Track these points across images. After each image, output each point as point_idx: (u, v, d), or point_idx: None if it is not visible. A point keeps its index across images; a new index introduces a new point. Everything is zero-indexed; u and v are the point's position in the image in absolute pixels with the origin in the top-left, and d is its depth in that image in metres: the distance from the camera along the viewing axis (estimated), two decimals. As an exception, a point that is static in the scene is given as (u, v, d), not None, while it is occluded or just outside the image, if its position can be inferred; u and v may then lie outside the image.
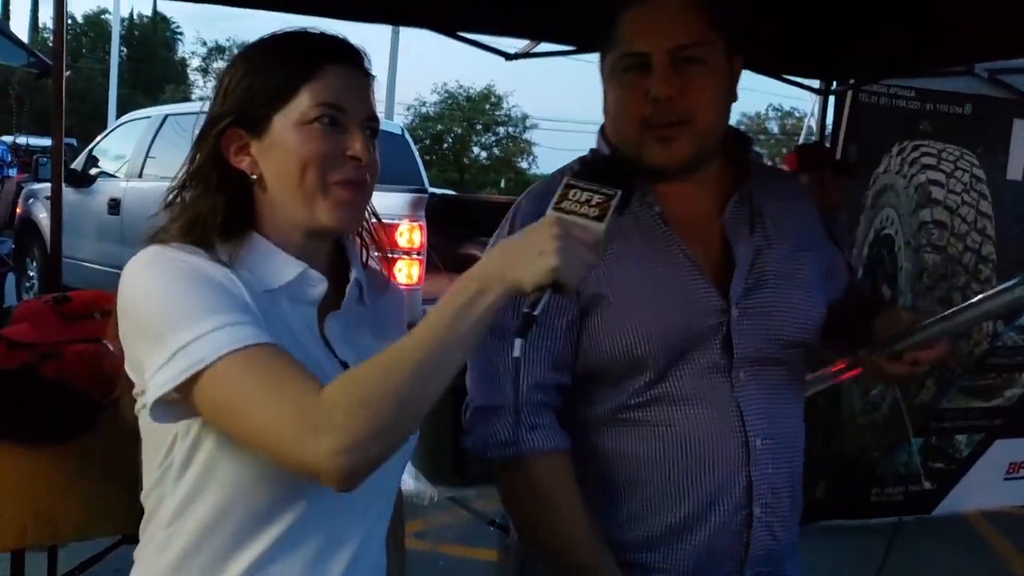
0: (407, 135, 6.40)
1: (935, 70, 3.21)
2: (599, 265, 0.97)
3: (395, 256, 3.88)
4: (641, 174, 1.27)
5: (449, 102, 33.61)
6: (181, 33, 43.77)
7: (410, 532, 3.40)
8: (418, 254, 4.06)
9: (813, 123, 3.84)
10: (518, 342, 0.92)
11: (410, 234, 4.03)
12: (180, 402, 0.95)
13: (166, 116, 6.53)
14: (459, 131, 33.38)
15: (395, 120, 15.08)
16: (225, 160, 1.08)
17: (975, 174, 3.44)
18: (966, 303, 1.30)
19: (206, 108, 1.12)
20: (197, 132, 1.11)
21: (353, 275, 1.16)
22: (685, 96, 1.24)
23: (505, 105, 34.02)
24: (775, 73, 3.20)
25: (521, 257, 0.93)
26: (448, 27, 2.72)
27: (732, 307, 1.29)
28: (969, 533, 4.06)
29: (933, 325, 1.30)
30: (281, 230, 1.10)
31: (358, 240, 1.21)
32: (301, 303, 1.11)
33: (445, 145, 33.15)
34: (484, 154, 34.83)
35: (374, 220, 1.23)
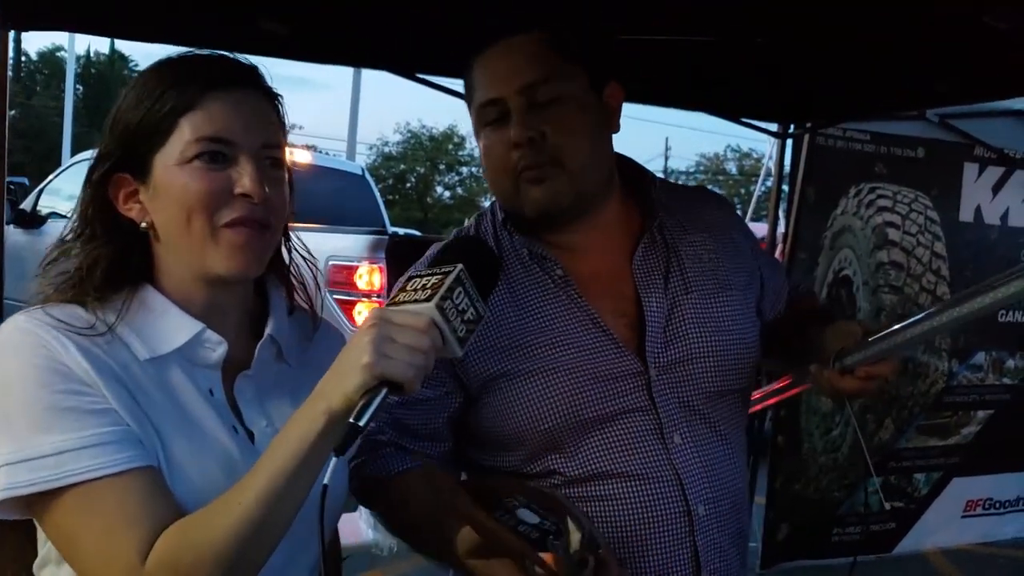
0: (367, 175, 6.37)
1: (888, 113, 3.26)
2: (435, 349, 0.87)
3: (355, 299, 3.83)
4: (533, 235, 1.22)
5: (412, 142, 33.66)
6: (139, 70, 43.28)
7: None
8: (378, 296, 4.01)
9: (772, 165, 3.88)
10: (332, 462, 0.83)
11: (370, 276, 3.98)
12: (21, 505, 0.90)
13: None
14: (422, 171, 33.40)
15: (357, 160, 15.03)
16: (114, 207, 1.00)
17: (929, 216, 3.49)
18: (915, 317, 1.26)
19: None
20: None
21: (268, 331, 1.07)
22: (548, 137, 1.19)
23: (468, 145, 34.15)
24: (733, 116, 3.23)
25: (341, 368, 0.86)
26: (406, 69, 2.71)
27: (649, 368, 1.25)
28: (929, 571, 4.07)
29: (885, 339, 1.25)
30: (179, 283, 1.02)
31: (295, 284, 1.13)
32: (200, 367, 1.02)
33: (408, 184, 33.14)
34: (448, 193, 34.91)
35: (305, 260, 1.14)
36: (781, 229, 3.74)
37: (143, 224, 1.00)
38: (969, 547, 4.12)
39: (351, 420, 0.82)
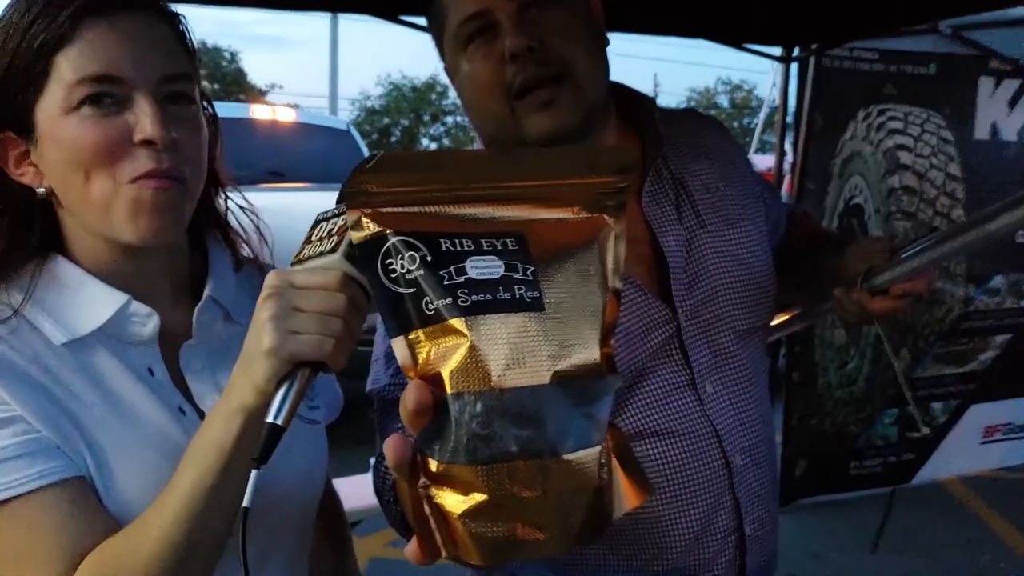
0: (354, 131, 6.20)
1: (899, 28, 3.12)
2: (358, 308, 0.70)
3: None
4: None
5: (394, 94, 33.27)
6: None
7: (384, 543, 3.29)
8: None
9: (775, 93, 3.73)
10: (252, 477, 0.67)
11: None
12: None
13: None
14: (407, 123, 33.08)
15: (340, 116, 14.75)
16: (3, 173, 0.85)
17: (942, 136, 3.36)
18: (952, 227, 1.15)
19: None
20: None
21: (207, 292, 0.93)
22: (549, 44, 1.03)
23: (451, 95, 33.72)
24: (734, 42, 3.09)
25: (246, 355, 0.71)
26: (389, 12, 2.55)
27: (678, 313, 1.13)
28: (949, 499, 4.03)
29: (921, 254, 1.14)
30: (94, 251, 0.87)
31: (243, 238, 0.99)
32: (133, 345, 0.88)
33: (393, 138, 32.82)
34: (434, 145, 34.57)
35: (243, 209, 0.99)
36: (789, 160, 3.60)
37: (40, 189, 0.85)
38: (989, 473, 4.08)
39: (268, 420, 0.68)
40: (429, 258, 0.62)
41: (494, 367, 0.60)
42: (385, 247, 0.63)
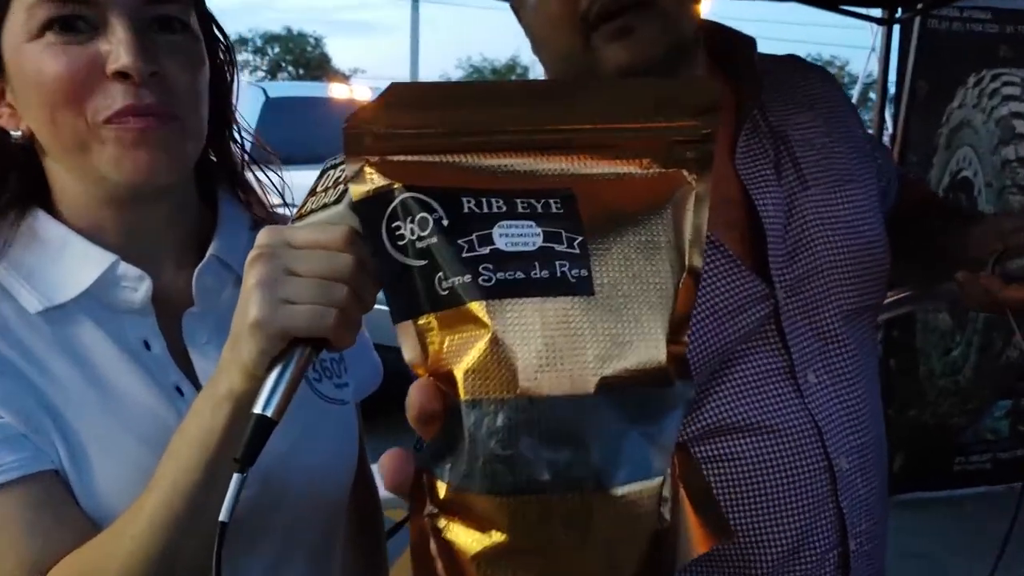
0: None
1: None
2: (368, 270, 0.57)
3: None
4: None
5: (475, 76, 33.28)
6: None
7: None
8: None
9: (872, 65, 3.47)
10: (234, 483, 0.55)
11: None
12: None
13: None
14: (488, 105, 33.15)
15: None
16: None
17: (1064, 102, 3.07)
18: None
19: None
20: None
21: (210, 250, 0.81)
22: None
23: (531, 75, 33.57)
24: (831, 5, 2.85)
25: (234, 329, 0.59)
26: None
27: (776, 289, 0.98)
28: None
29: None
30: (81, 205, 0.76)
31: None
32: (125, 313, 0.77)
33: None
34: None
35: (256, 163, 0.87)
36: (888, 133, 3.35)
37: (16, 133, 0.75)
38: (1111, 472, 3.74)
39: (254, 411, 0.56)
40: (446, 222, 0.48)
41: (522, 368, 0.45)
42: (392, 206, 0.49)
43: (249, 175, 0.88)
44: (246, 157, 0.87)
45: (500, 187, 0.50)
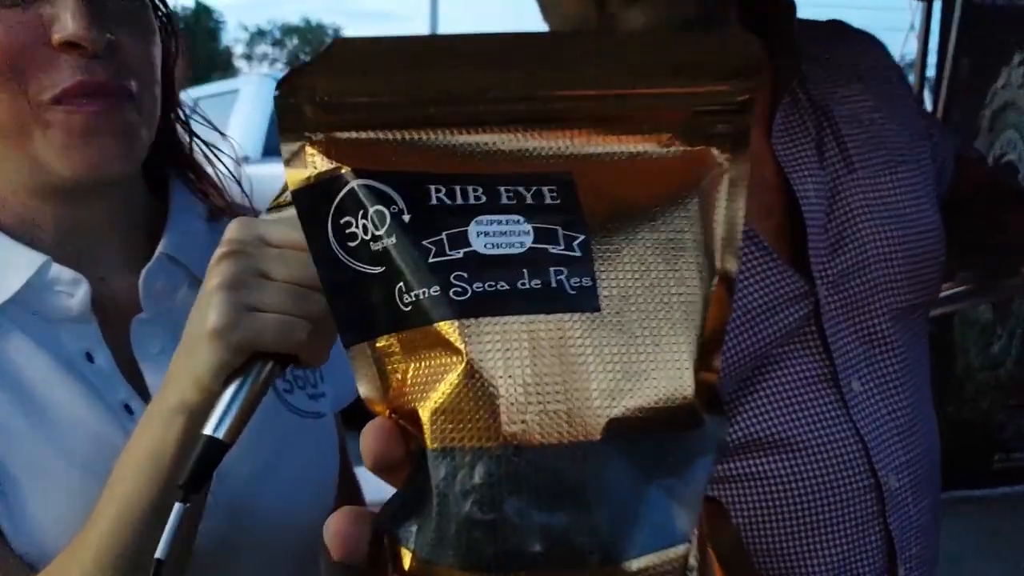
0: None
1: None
2: None
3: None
4: None
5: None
6: (224, 22, 44.31)
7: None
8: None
9: (908, 47, 3.34)
10: (175, 513, 0.48)
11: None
12: None
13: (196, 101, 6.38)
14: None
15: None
16: None
17: (1118, 82, 2.91)
18: None
19: (231, 87, 0.71)
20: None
21: (160, 248, 0.72)
22: None
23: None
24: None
25: (188, 334, 0.53)
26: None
27: (817, 285, 0.88)
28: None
29: None
30: (12, 198, 0.67)
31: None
32: (62, 322, 0.69)
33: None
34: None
35: (208, 146, 0.78)
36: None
37: None
38: None
39: (204, 432, 0.48)
40: (408, 216, 0.37)
41: (506, 407, 0.34)
42: (340, 197, 0.38)
43: (203, 161, 0.79)
44: (198, 142, 0.78)
45: (478, 171, 0.39)
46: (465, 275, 0.36)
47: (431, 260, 0.37)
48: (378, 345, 0.38)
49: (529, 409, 0.35)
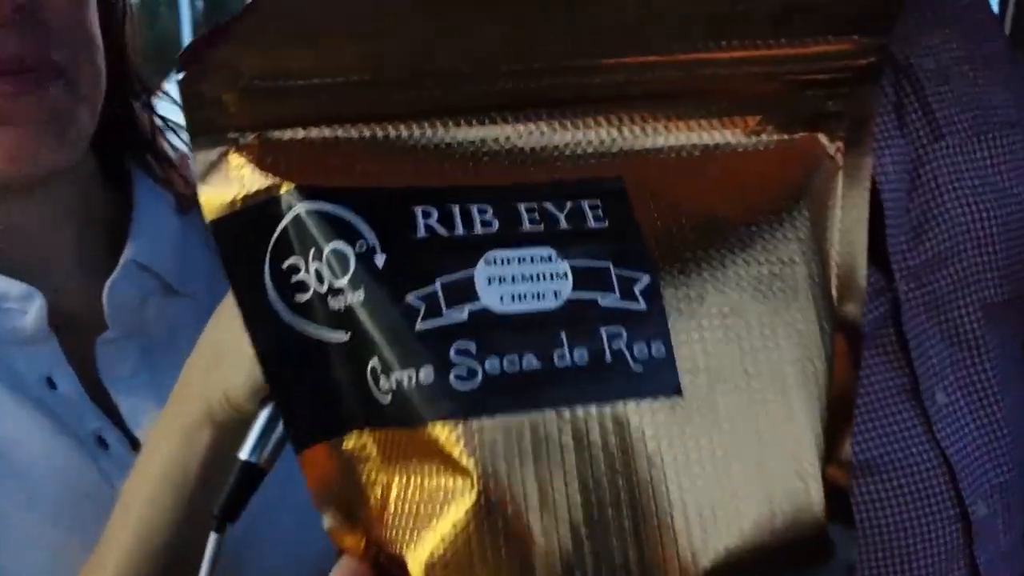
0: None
1: None
2: None
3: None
4: None
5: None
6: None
7: None
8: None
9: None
10: (211, 544, 0.43)
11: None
12: None
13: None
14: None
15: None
16: None
17: None
18: None
19: None
20: None
21: (127, 255, 0.62)
22: None
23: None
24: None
25: (216, 348, 0.46)
26: None
27: (896, 277, 0.75)
28: None
29: None
30: None
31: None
32: (12, 344, 0.60)
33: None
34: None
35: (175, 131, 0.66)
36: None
37: None
38: None
39: (240, 456, 0.41)
40: (383, 257, 0.25)
41: (545, 562, 0.23)
42: (280, 228, 0.26)
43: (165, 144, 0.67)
44: (157, 120, 0.66)
45: (486, 182, 0.27)
46: (472, 347, 0.24)
47: (420, 325, 0.24)
48: (345, 447, 0.26)
49: (581, 565, 0.23)
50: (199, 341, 0.46)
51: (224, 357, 0.42)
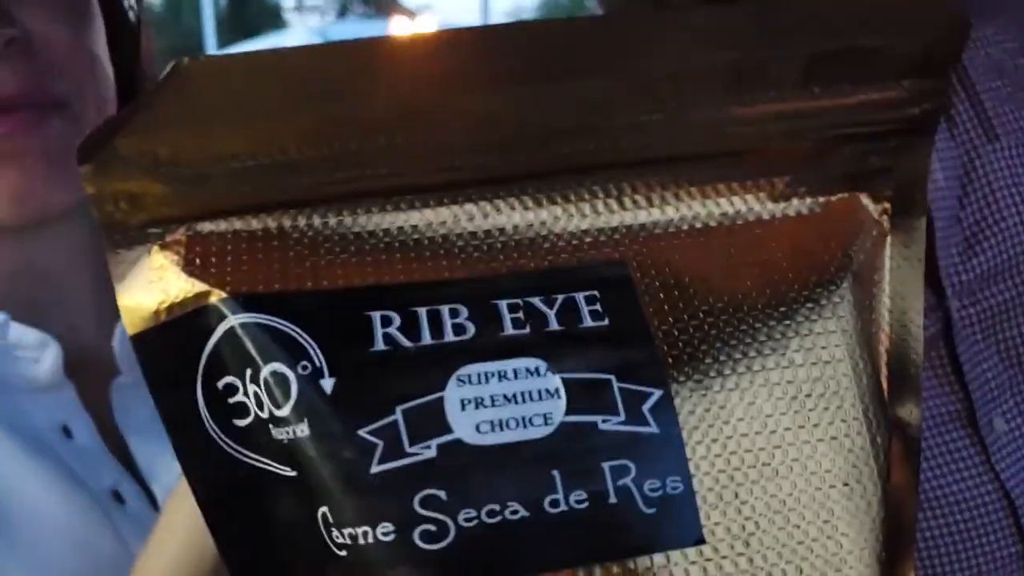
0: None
1: None
2: None
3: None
4: None
5: (550, 5, 32.68)
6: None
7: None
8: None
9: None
10: None
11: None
12: None
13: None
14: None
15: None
16: None
17: None
18: None
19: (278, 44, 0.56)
20: None
21: None
22: None
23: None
24: None
25: None
26: None
27: (947, 295, 0.70)
28: None
29: None
30: None
31: None
32: (26, 393, 0.57)
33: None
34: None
35: None
36: None
37: None
38: None
39: None
40: (331, 381, 0.20)
41: None
42: (211, 345, 0.22)
43: None
44: None
45: (456, 275, 0.22)
46: (442, 495, 0.20)
47: (376, 467, 0.20)
48: None
49: None
50: None
51: None
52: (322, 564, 0.21)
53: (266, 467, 0.21)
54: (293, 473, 0.21)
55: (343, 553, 0.20)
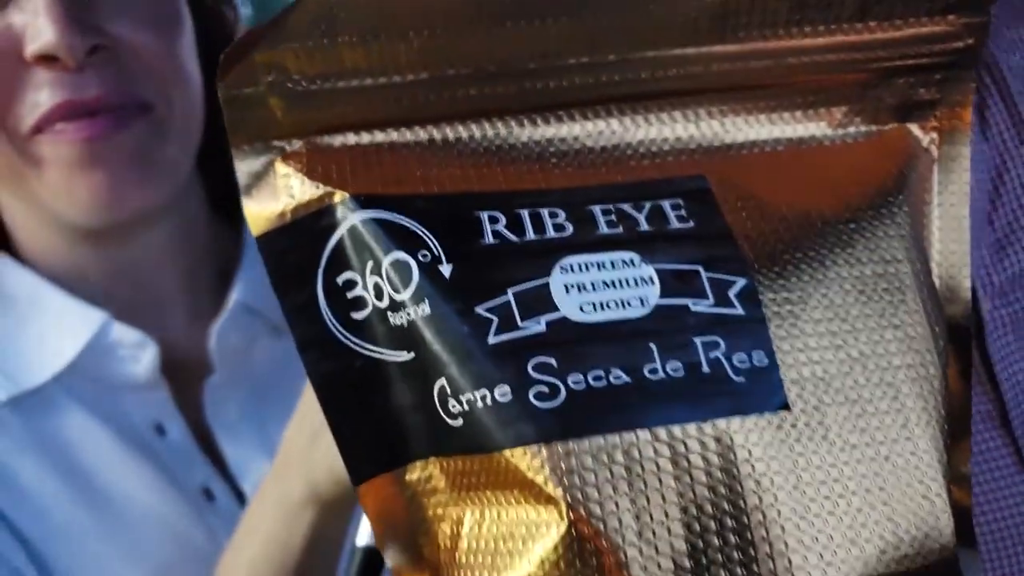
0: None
1: None
2: None
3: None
4: None
5: None
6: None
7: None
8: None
9: None
10: None
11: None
12: None
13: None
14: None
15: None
16: None
17: None
18: None
19: None
20: None
21: (235, 296, 0.60)
22: None
23: None
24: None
25: (316, 421, 0.44)
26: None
27: (979, 295, 0.71)
28: None
29: None
30: (47, 245, 0.56)
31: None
32: (125, 390, 0.57)
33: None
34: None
35: None
36: None
37: None
38: None
39: (360, 544, 0.40)
40: (448, 267, 0.23)
41: None
42: (333, 242, 0.23)
43: None
44: None
45: (554, 185, 0.24)
46: (553, 362, 0.22)
47: (493, 339, 0.22)
48: (409, 478, 0.23)
49: None
50: (299, 406, 0.44)
51: (327, 426, 0.39)
52: (436, 439, 0.22)
53: (380, 353, 0.23)
54: (410, 355, 0.23)
55: (458, 423, 0.22)
